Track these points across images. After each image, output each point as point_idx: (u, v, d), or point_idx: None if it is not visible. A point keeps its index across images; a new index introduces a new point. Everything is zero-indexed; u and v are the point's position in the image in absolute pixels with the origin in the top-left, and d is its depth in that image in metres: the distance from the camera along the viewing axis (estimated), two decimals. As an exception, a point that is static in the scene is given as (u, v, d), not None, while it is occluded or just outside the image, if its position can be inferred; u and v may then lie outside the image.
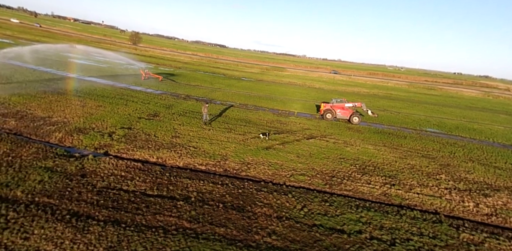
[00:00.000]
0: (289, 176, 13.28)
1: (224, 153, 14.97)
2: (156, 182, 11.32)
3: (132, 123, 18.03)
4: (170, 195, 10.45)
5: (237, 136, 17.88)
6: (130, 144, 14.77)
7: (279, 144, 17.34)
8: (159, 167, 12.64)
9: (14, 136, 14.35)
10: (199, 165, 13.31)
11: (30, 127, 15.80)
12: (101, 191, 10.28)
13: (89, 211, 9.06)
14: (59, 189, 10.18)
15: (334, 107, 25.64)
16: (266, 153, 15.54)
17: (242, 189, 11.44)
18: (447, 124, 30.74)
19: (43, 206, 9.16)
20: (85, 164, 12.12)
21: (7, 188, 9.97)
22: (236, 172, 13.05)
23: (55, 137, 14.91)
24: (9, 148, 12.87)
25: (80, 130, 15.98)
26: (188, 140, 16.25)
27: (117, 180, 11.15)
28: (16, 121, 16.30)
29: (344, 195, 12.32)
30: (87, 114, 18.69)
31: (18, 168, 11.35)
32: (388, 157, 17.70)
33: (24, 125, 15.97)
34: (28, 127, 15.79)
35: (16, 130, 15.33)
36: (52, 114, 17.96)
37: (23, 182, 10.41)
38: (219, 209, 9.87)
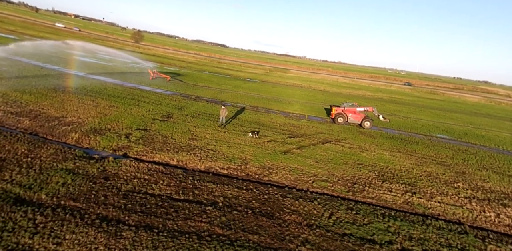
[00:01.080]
0: (311, 182, 13.14)
1: (244, 157, 14.81)
2: (180, 186, 11.14)
3: (147, 124, 17.83)
4: (197, 200, 10.29)
5: (253, 139, 17.72)
6: (149, 146, 14.58)
7: (296, 148, 17.20)
8: (181, 171, 12.47)
9: (30, 136, 14.13)
10: (220, 169, 13.15)
11: (45, 127, 15.57)
12: (127, 194, 10.10)
13: (118, 216, 8.88)
14: (84, 192, 9.99)
15: (346, 111, 25.54)
16: (285, 157, 15.40)
17: (268, 195, 11.28)
18: (456, 130, 30.73)
19: (70, 210, 8.97)
20: (107, 167, 11.92)
21: (30, 191, 9.77)
22: (258, 177, 12.90)
23: (71, 137, 14.69)
24: (27, 149, 12.66)
25: (96, 131, 15.76)
26: (206, 143, 16.07)
27: (141, 183, 10.97)
28: (30, 120, 16.06)
29: (368, 203, 12.19)
30: (101, 114, 18.46)
31: (39, 170, 11.14)
32: (404, 164, 17.60)
33: (39, 124, 15.73)
34: (43, 127, 15.55)
35: (32, 130, 15.10)
36: (66, 113, 17.72)
37: (46, 185, 10.22)
38: (249, 215, 9.71)
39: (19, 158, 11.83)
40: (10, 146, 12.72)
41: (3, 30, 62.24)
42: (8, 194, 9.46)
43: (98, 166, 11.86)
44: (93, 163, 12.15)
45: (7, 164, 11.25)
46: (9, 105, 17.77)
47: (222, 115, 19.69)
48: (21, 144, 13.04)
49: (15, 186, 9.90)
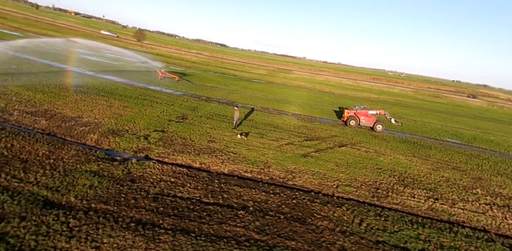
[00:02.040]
0: (335, 186, 13.04)
1: (265, 160, 14.69)
2: (207, 189, 11.01)
3: (163, 125, 17.68)
4: (227, 203, 10.16)
5: (271, 142, 17.61)
6: (169, 148, 14.44)
7: (314, 151, 17.10)
8: (206, 173, 12.34)
9: (49, 137, 13.96)
10: (244, 172, 13.03)
11: (63, 127, 15.39)
12: (156, 197, 9.96)
13: (152, 219, 8.75)
14: (113, 195, 9.84)
15: (358, 114, 25.47)
16: (305, 161, 15.30)
17: (296, 200, 11.17)
18: (465, 135, 30.74)
19: (102, 213, 8.83)
20: (131, 169, 11.78)
21: (58, 193, 9.62)
22: (283, 181, 12.78)
23: (90, 138, 14.53)
24: (47, 150, 12.49)
25: (114, 132, 15.60)
26: (225, 145, 15.94)
27: (169, 186, 10.83)
28: (46, 120, 15.87)
29: (394, 209, 12.11)
30: (116, 115, 18.29)
31: (63, 171, 10.98)
32: (421, 169, 17.53)
33: (56, 125, 15.55)
34: (61, 127, 15.38)
35: (49, 130, 14.92)
36: (81, 114, 17.53)
37: (73, 187, 10.07)
38: (281, 220, 9.60)
39: (41, 160, 11.67)
40: (30, 147, 12.54)
41: (7, 27, 61.82)
42: (36, 196, 9.31)
43: (123, 168, 11.71)
44: (117, 165, 12.00)
45: (30, 166, 11.09)
46: (24, 105, 17.56)
47: (235, 116, 19.60)
48: (41, 145, 12.87)
49: (42, 189, 9.75)
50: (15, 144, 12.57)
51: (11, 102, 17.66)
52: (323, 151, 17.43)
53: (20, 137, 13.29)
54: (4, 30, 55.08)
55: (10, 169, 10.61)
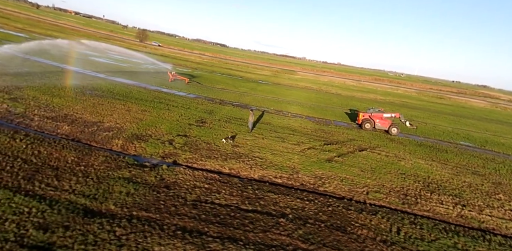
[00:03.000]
0: (365, 193, 13.01)
1: (291, 165, 14.65)
2: (243, 195, 10.97)
3: (185, 130, 17.62)
4: (265, 211, 10.11)
5: (293, 146, 17.58)
6: (196, 154, 14.38)
7: (337, 156, 17.06)
8: (237, 179, 12.30)
9: (74, 143, 13.88)
10: (274, 178, 12.99)
11: (86, 132, 15.31)
12: (195, 204, 9.92)
13: (196, 227, 8.70)
14: (151, 202, 9.79)
15: (373, 117, 25.45)
16: (331, 166, 15.26)
17: (331, 207, 11.13)
18: (476, 138, 30.72)
19: (145, 221, 8.78)
20: (163, 175, 11.72)
21: (96, 201, 9.56)
22: (313, 187, 12.74)
23: (116, 144, 14.47)
24: (75, 156, 12.42)
25: (138, 137, 15.54)
26: (250, 150, 15.89)
27: (204, 192, 10.78)
28: (68, 126, 15.78)
29: (426, 217, 12.07)
30: (136, 119, 18.22)
31: (96, 178, 10.92)
32: (442, 174, 17.49)
33: (79, 130, 15.46)
34: (84, 132, 15.30)
35: (73, 136, 14.84)
36: (102, 118, 17.45)
37: (110, 195, 10.01)
38: (323, 229, 9.55)
39: (71, 167, 11.60)
40: (58, 154, 12.47)
41: (12, 28, 61.64)
42: (75, 205, 9.25)
43: (155, 175, 11.65)
44: (148, 171, 11.94)
45: (62, 173, 11.03)
46: (43, 109, 17.47)
47: (250, 120, 19.56)
48: (68, 151, 12.80)
49: (79, 197, 9.69)
50: (42, 151, 12.50)
51: (30, 106, 17.57)
52: (345, 155, 17.38)
53: (46, 143, 13.22)
54: (9, 31, 54.91)
55: (42, 177, 10.54)
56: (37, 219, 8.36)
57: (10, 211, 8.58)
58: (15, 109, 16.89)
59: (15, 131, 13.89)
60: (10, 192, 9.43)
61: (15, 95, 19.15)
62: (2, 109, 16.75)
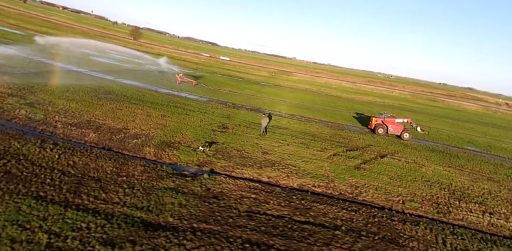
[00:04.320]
0: (401, 202, 13.25)
1: (324, 173, 14.79)
2: (291, 206, 11.04)
3: (210, 136, 17.53)
4: (318, 222, 10.20)
5: (319, 153, 17.73)
6: (230, 161, 14.34)
7: (362, 163, 17.31)
8: (279, 189, 12.37)
9: (106, 152, 13.63)
10: (313, 187, 13.10)
11: (114, 140, 15.04)
12: (250, 216, 9.93)
13: (261, 239, 8.76)
14: (207, 214, 9.77)
15: (386, 122, 25.85)
16: (361, 174, 15.46)
17: (376, 218, 11.30)
18: (479, 142, 31.57)
19: (210, 233, 8.77)
20: (208, 185, 11.67)
21: (152, 214, 9.46)
22: (352, 196, 12.90)
23: (148, 152, 14.30)
24: (113, 166, 12.23)
25: (167, 144, 15.38)
26: (280, 157, 15.94)
27: (253, 203, 10.81)
28: (94, 133, 15.48)
29: (461, 226, 12.36)
30: (160, 125, 18.02)
31: (143, 190, 10.80)
32: (462, 180, 17.92)
33: (106, 138, 15.19)
34: (112, 140, 15.03)
35: (102, 144, 14.56)
36: (125, 125, 17.18)
37: (163, 206, 9.92)
38: (377, 241, 9.69)
39: (113, 177, 11.42)
40: (95, 164, 12.25)
41: (5, 24, 59.71)
42: (132, 218, 9.13)
43: (199, 184, 11.59)
44: (191, 180, 11.86)
45: (106, 185, 10.85)
46: (63, 115, 17.08)
47: (264, 124, 19.69)
48: (103, 161, 12.58)
49: (133, 209, 9.57)
50: (77, 161, 12.24)
51: (49, 112, 17.14)
52: (369, 162, 17.63)
53: (78, 152, 12.96)
54: (4, 27, 53.14)
55: (88, 190, 10.35)
56: (99, 234, 8.22)
57: (68, 227, 8.39)
58: (34, 116, 16.44)
59: (42, 140, 13.55)
60: (60, 207, 9.22)
61: (31, 100, 18.64)
62: (22, 115, 16.26)
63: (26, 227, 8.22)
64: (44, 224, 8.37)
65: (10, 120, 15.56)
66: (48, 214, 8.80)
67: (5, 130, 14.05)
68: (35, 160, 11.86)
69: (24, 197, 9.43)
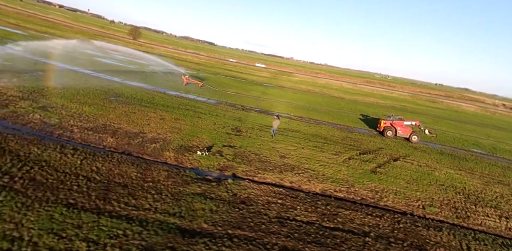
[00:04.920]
0: (421, 207, 13.39)
1: (343, 177, 14.90)
2: (317, 211, 11.12)
3: (226, 140, 17.57)
4: (347, 228, 10.30)
5: (334, 156, 17.85)
6: (251, 166, 14.40)
7: (377, 166, 17.45)
8: (303, 194, 12.46)
9: (127, 157, 13.60)
10: (335, 192, 13.20)
11: (133, 145, 15.01)
12: (281, 222, 10.01)
13: (297, 246, 8.86)
14: (239, 220, 9.85)
15: (395, 125, 26.05)
16: (379, 178, 15.60)
17: (401, 224, 11.42)
18: (484, 144, 31.92)
19: (246, 240, 8.85)
20: (233, 190, 11.73)
21: (185, 220, 9.52)
22: (374, 202, 13.01)
23: (168, 156, 14.30)
24: (137, 172, 12.22)
25: (186, 148, 15.40)
26: (298, 161, 16.03)
27: (281, 209, 10.90)
28: (112, 137, 15.42)
29: (481, 231, 12.49)
30: (175, 129, 18.02)
31: (171, 195, 10.83)
32: (474, 184, 18.12)
33: (124, 142, 15.15)
34: (131, 145, 15.00)
35: (121, 148, 14.51)
36: (141, 129, 17.14)
37: (194, 212, 9.97)
38: (407, 248, 9.81)
39: (139, 183, 11.43)
40: (118, 169, 12.23)
41: (5, 23, 59.10)
42: (167, 225, 9.18)
43: (225, 190, 11.65)
44: (216, 185, 11.92)
45: (134, 191, 10.86)
46: (78, 119, 16.98)
47: (274, 126, 19.80)
48: (126, 166, 12.57)
49: (166, 216, 9.61)
50: (100, 167, 12.21)
51: (63, 116, 17.04)
52: (384, 166, 17.78)
53: (99, 158, 12.92)
54: (4, 27, 52.62)
55: (117, 196, 10.35)
56: (137, 241, 8.24)
57: (105, 235, 8.40)
58: (49, 120, 16.30)
59: (61, 145, 13.48)
60: (93, 214, 9.22)
61: (43, 104, 18.51)
62: (36, 120, 16.12)
63: (62, 235, 8.21)
64: (80, 232, 8.37)
65: (25, 124, 15.44)
66: (82, 221, 8.79)
67: (22, 135, 13.96)
68: (57, 166, 11.81)
69: (54, 205, 9.41)
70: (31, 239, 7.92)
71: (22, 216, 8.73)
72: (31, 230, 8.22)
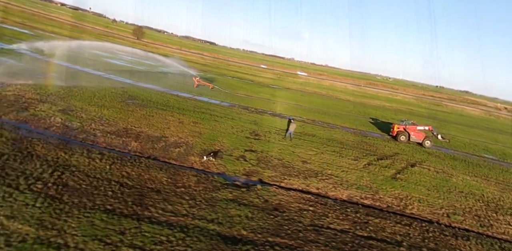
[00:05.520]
0: (446, 215, 13.50)
1: (367, 184, 15.02)
2: (348, 219, 11.24)
3: (247, 144, 17.70)
4: (380, 237, 10.41)
5: (353, 162, 17.99)
6: (275, 171, 14.52)
7: (396, 172, 17.58)
8: (331, 201, 12.56)
9: (154, 161, 13.71)
10: (361, 199, 13.31)
11: (157, 149, 15.11)
12: (316, 230, 10.16)
13: (336, 256, 8.89)
14: (275, 227, 10.02)
15: (408, 129, 26.16)
16: (400, 185, 15.71)
17: (430, 233, 11.55)
18: (494, 150, 32.02)
19: (287, 248, 9.07)
20: (264, 196, 11.88)
21: (224, 226, 9.65)
22: (400, 209, 13.13)
23: (194, 161, 14.41)
24: (167, 177, 12.35)
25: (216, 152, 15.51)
26: (320, 166, 16.16)
27: (314, 216, 11.06)
28: (135, 141, 15.53)
29: (506, 240, 12.61)
30: (195, 133, 18.13)
31: (205, 201, 10.95)
32: (491, 191, 18.20)
33: (148, 146, 15.25)
34: (155, 149, 15.10)
35: (147, 153, 14.61)
36: (162, 132, 17.25)
37: (231, 219, 10.09)
38: (441, 258, 9.90)
39: (171, 189, 11.55)
40: (148, 175, 12.35)
41: (11, 22, 59.01)
42: (207, 231, 9.32)
43: (256, 196, 11.80)
44: (246, 191, 12.06)
45: (168, 196, 10.98)
46: (99, 123, 17.09)
47: (291, 129, 19.93)
48: (156, 171, 12.69)
49: (204, 222, 9.75)
50: (129, 172, 12.32)
51: (84, 120, 17.14)
52: (403, 172, 17.90)
53: (127, 163, 13.03)
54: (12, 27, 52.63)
55: (153, 202, 10.47)
56: (182, 247, 8.37)
57: (149, 241, 8.51)
58: (71, 123, 16.38)
59: (87, 150, 13.59)
60: (133, 220, 9.32)
61: (62, 106, 18.61)
62: (58, 123, 16.19)
63: (107, 242, 8.31)
64: (124, 238, 8.47)
65: (48, 128, 15.52)
66: (124, 228, 8.89)
67: (46, 139, 14.06)
68: (87, 171, 11.90)
69: (93, 211, 9.50)
70: (77, 245, 8.02)
71: (63, 223, 8.82)
72: (75, 237, 8.31)
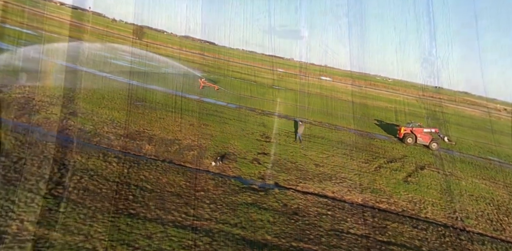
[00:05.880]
0: (459, 219, 13.61)
1: (380, 187, 15.14)
2: (367, 224, 11.37)
3: (259, 147, 17.81)
4: (400, 242, 10.53)
5: (364, 165, 18.10)
6: (290, 174, 14.64)
7: (407, 175, 17.70)
8: (348, 205, 12.67)
9: (171, 165, 13.80)
10: (376, 203, 13.41)
11: (172, 152, 15.19)
12: (337, 235, 10.31)
13: (361, 263, 8.99)
14: (297, 232, 10.16)
15: (415, 132, 26.28)
16: (413, 188, 15.83)
17: (447, 238, 11.70)
18: (498, 152, 32.15)
19: None
20: (282, 200, 12.00)
21: (247, 231, 9.77)
22: (415, 213, 13.24)
23: (208, 164, 14.48)
24: (185, 181, 12.47)
25: (223, 156, 15.56)
26: (332, 169, 16.26)
27: (333, 220, 11.17)
28: (149, 145, 15.60)
29: (520, 244, 12.76)
30: (207, 135, 18.23)
31: (226, 205, 11.09)
32: (501, 194, 18.32)
33: (163, 149, 15.33)
34: (170, 152, 15.18)
35: (162, 156, 14.68)
36: (175, 135, 17.33)
37: (253, 223, 10.23)
38: (461, 262, 10.01)
39: (190, 192, 11.65)
40: (166, 178, 12.44)
41: (13, 22, 58.78)
42: (232, 235, 9.44)
43: (274, 199, 11.95)
44: (264, 195, 12.16)
45: (189, 200, 11.09)
46: (111, 126, 17.14)
47: (299, 132, 20.04)
48: (173, 175, 12.80)
49: (228, 226, 9.89)
50: (147, 176, 12.42)
51: (96, 123, 17.19)
52: (413, 175, 18.03)
53: (144, 166, 13.13)
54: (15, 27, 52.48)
55: (175, 206, 10.58)
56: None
57: (177, 245, 8.61)
58: (83, 126, 16.42)
59: (103, 153, 13.67)
60: (158, 225, 9.41)
61: (72, 109, 18.65)
62: (71, 126, 16.25)
63: (135, 246, 8.40)
64: (151, 242, 8.57)
65: (62, 131, 15.56)
66: (150, 232, 8.98)
67: (61, 142, 14.11)
68: (106, 175, 11.98)
69: (117, 216, 9.57)
70: (106, 250, 8.07)
71: (89, 228, 8.89)
72: (103, 242, 8.38)
